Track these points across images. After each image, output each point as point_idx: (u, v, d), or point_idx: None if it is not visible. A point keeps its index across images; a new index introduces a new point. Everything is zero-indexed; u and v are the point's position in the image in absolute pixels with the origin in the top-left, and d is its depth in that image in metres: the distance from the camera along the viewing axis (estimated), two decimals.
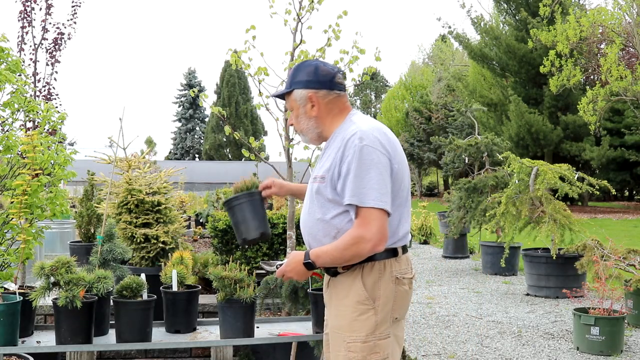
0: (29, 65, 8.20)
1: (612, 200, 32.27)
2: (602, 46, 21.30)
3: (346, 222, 2.38)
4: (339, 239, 2.38)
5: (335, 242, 2.38)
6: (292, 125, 2.62)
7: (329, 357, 2.59)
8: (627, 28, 18.97)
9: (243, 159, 36.36)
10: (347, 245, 2.33)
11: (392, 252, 2.42)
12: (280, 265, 2.52)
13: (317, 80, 2.48)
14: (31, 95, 6.02)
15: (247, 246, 2.74)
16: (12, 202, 3.86)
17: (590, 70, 22.16)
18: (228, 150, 45.76)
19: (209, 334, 3.77)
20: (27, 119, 5.12)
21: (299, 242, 5.16)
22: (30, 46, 8.29)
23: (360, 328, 2.37)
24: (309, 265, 2.43)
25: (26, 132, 5.91)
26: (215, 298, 4.30)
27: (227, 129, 4.78)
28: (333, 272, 2.48)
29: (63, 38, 8.53)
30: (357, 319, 2.39)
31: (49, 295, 3.44)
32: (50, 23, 8.49)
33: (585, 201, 28.45)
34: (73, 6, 8.91)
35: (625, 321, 6.01)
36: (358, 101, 56.16)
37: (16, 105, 4.25)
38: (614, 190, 8.73)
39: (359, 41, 4.75)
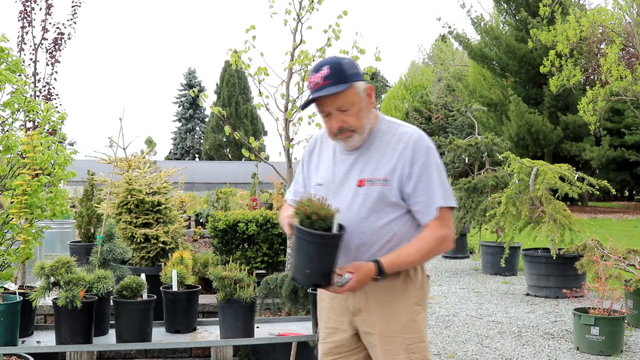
0: (29, 65, 8.20)
1: (612, 200, 32.26)
2: (602, 46, 21.31)
3: (402, 224, 2.34)
4: (418, 242, 2.32)
5: (413, 245, 2.32)
6: (341, 125, 2.31)
7: None
8: (627, 28, 18.97)
9: (243, 159, 36.37)
10: (433, 247, 2.33)
11: None
12: (347, 280, 2.23)
13: (362, 73, 2.39)
14: (31, 95, 6.02)
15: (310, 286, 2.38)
16: (12, 202, 3.86)
17: (590, 70, 22.17)
18: (228, 150, 45.78)
19: (209, 334, 3.77)
20: (27, 119, 5.12)
21: None
22: (30, 46, 8.30)
23: (418, 328, 2.39)
24: (381, 276, 2.29)
25: (26, 132, 5.91)
26: (215, 298, 4.30)
27: (227, 129, 4.78)
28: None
29: (63, 38, 8.54)
30: (414, 320, 2.39)
31: (49, 295, 3.44)
32: (50, 23, 8.50)
33: (585, 201, 28.44)
34: (73, 6, 8.91)
35: (625, 321, 6.01)
36: None
37: (16, 105, 4.26)
38: (614, 190, 8.72)
39: (359, 41, 4.76)
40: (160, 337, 3.69)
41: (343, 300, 2.43)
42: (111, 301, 3.64)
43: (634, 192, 33.87)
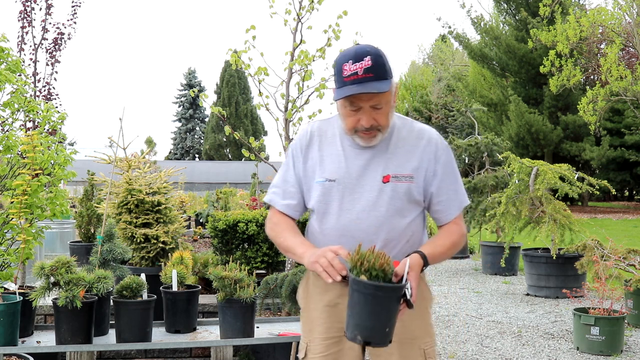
0: (29, 65, 8.21)
1: (612, 200, 32.30)
2: (602, 46, 21.32)
3: (418, 223, 2.27)
4: (449, 235, 2.27)
5: (446, 238, 2.26)
6: (372, 124, 2.14)
7: None
8: (627, 28, 18.98)
9: (243, 159, 36.38)
10: (460, 242, 2.29)
11: None
12: (405, 284, 1.97)
13: None
14: (31, 95, 6.02)
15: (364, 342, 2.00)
16: (12, 202, 3.86)
17: (590, 70, 22.18)
18: (228, 150, 45.79)
19: (209, 334, 3.78)
20: (27, 119, 5.12)
21: None
22: (30, 46, 8.30)
23: (432, 332, 2.34)
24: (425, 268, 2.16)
25: (26, 132, 5.91)
26: (215, 298, 4.30)
27: (227, 129, 4.79)
28: None
29: (63, 38, 8.54)
30: (429, 324, 2.33)
31: (49, 295, 3.44)
32: (50, 23, 8.50)
33: (585, 201, 28.46)
34: (73, 6, 8.92)
35: (625, 321, 6.01)
36: None
37: (16, 105, 4.26)
38: (614, 190, 8.73)
39: (359, 41, 4.75)
40: (160, 337, 3.69)
41: None
42: (111, 301, 3.64)
43: (634, 192, 33.89)
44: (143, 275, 3.71)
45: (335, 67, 2.15)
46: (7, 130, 4.30)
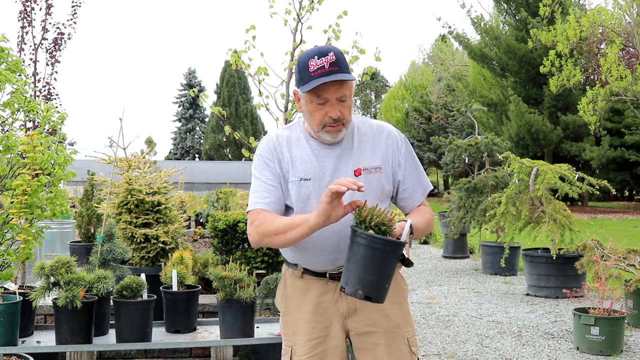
0: (29, 65, 8.22)
1: (612, 200, 32.28)
2: (602, 46, 21.30)
3: (388, 213, 2.38)
4: (426, 216, 2.36)
5: (423, 215, 2.36)
6: (339, 116, 2.23)
7: None
8: (627, 28, 18.97)
9: (243, 159, 36.37)
10: (432, 221, 2.41)
11: None
12: (405, 242, 2.07)
13: None
14: (31, 95, 6.02)
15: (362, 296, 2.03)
16: (12, 202, 3.86)
17: (590, 70, 22.16)
18: (228, 150, 45.80)
19: (209, 334, 3.78)
20: (27, 119, 5.12)
21: None
22: (30, 46, 8.31)
23: (411, 321, 2.41)
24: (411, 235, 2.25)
25: (26, 132, 5.91)
26: (215, 298, 4.30)
27: (227, 129, 4.79)
28: None
29: (63, 38, 8.55)
30: (409, 312, 2.41)
31: (49, 295, 3.44)
32: (50, 23, 8.51)
33: (585, 201, 28.45)
34: (73, 6, 8.93)
35: (625, 321, 6.01)
36: (358, 101, 56.17)
37: (16, 105, 4.26)
38: (614, 190, 8.72)
39: (359, 41, 4.76)
40: (160, 337, 3.69)
41: (333, 304, 2.30)
42: (111, 301, 3.64)
43: (634, 192, 33.87)
44: (143, 275, 3.72)
45: (299, 66, 2.24)
46: (7, 130, 4.31)
